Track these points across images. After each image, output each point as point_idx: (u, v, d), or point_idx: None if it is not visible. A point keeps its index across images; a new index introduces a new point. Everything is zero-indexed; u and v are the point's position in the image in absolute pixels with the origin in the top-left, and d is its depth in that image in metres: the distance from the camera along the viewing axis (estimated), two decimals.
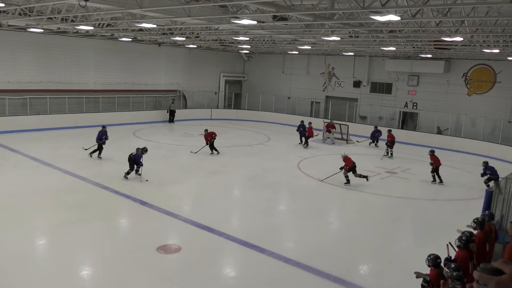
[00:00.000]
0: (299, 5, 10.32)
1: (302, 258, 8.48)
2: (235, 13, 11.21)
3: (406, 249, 9.91)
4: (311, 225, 10.69)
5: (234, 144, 20.84)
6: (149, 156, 17.21)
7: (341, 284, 7.66)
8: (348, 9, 10.33)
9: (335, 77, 29.27)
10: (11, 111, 21.51)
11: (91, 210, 10.85)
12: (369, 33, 14.84)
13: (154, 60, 27.84)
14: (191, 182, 14.05)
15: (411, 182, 15.53)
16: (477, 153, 21.27)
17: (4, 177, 13.33)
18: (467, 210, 11.65)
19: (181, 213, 10.80)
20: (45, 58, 22.80)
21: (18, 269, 7.54)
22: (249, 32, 16.96)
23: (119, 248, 8.77)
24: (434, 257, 5.88)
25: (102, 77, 25.33)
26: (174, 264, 8.21)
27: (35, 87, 22.38)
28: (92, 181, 13.14)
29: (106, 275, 7.74)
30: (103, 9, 12.20)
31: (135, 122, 25.07)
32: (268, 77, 32.19)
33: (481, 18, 10.60)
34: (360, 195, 13.51)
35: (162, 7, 10.86)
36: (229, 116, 29.94)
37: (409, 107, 26.20)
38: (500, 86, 23.09)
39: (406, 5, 9.75)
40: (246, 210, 11.81)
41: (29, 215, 10.20)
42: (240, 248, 9.01)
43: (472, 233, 6.52)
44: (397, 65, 25.78)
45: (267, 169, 16.22)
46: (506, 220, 8.89)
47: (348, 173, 14.26)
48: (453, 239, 6.59)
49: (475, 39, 14.71)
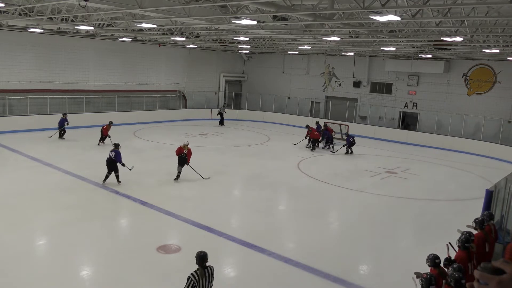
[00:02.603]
0: (299, 5, 10.31)
1: (302, 258, 8.48)
2: (235, 13, 11.20)
3: (406, 249, 9.91)
4: (311, 225, 10.69)
5: (234, 144, 20.83)
6: (149, 156, 17.25)
7: (341, 284, 7.66)
8: (348, 9, 10.32)
9: (335, 77, 29.27)
10: (11, 111, 21.51)
11: (91, 210, 10.85)
12: (369, 33, 14.84)
13: (154, 60, 27.84)
14: (191, 182, 14.04)
15: (411, 182, 15.52)
16: (477, 153, 21.29)
17: (4, 177, 13.33)
18: (467, 210, 11.64)
19: (181, 213, 10.80)
20: (45, 58, 22.80)
21: (18, 269, 7.54)
22: (249, 32, 16.95)
23: (119, 248, 8.77)
24: (433, 257, 5.88)
25: (102, 77, 25.33)
26: (174, 264, 8.21)
27: (35, 87, 22.38)
28: (92, 181, 13.14)
29: (106, 275, 7.74)
30: (103, 9, 12.19)
31: (135, 122, 25.07)
32: (268, 77, 32.19)
33: (481, 18, 10.59)
34: (360, 195, 13.51)
35: (162, 7, 10.85)
36: (229, 116, 29.93)
37: (409, 107, 26.20)
38: (500, 86, 23.09)
39: (406, 5, 9.74)
40: (246, 210, 11.80)
41: (29, 215, 10.20)
42: (240, 248, 9.01)
43: (471, 233, 6.52)
44: (397, 65, 25.79)
45: (267, 169, 16.21)
46: (506, 220, 8.90)
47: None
48: (453, 239, 6.59)
49: (475, 39, 14.71)
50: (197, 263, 5.40)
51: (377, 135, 24.98)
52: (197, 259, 5.42)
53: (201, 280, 5.26)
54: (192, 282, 5.22)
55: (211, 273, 5.43)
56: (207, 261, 5.45)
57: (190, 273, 5.33)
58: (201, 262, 5.39)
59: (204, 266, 5.39)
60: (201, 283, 5.25)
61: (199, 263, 5.40)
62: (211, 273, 5.45)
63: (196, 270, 5.35)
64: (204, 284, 5.28)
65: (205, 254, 5.47)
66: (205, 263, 5.41)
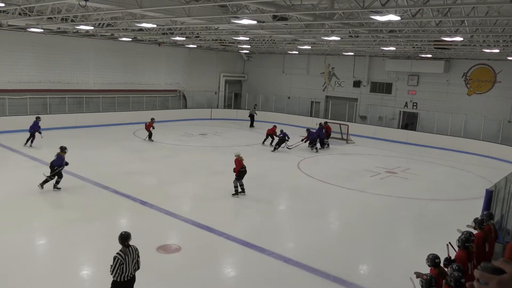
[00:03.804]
0: (299, 5, 10.31)
1: (302, 258, 8.48)
2: (235, 13, 11.20)
3: (406, 249, 9.91)
4: (311, 225, 10.69)
5: (234, 144, 20.82)
6: (149, 156, 17.24)
7: (341, 284, 7.65)
8: (348, 9, 10.32)
9: (335, 77, 29.27)
10: (11, 111, 21.51)
11: (91, 210, 10.84)
12: (369, 33, 14.83)
13: (154, 60, 27.84)
14: (191, 182, 14.04)
15: (411, 182, 15.52)
16: (477, 153, 21.28)
17: (4, 177, 13.33)
18: (467, 210, 11.63)
19: (181, 213, 10.80)
20: (45, 58, 22.80)
21: (18, 269, 7.54)
22: (249, 32, 16.95)
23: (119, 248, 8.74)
24: (433, 256, 5.88)
25: (102, 77, 25.33)
26: (174, 264, 8.21)
27: (35, 87, 22.38)
28: (92, 181, 13.13)
29: (106, 275, 7.72)
30: (103, 9, 12.19)
31: (135, 122, 25.06)
32: (268, 77, 32.19)
33: (481, 18, 10.59)
34: (360, 195, 13.51)
35: (162, 7, 10.85)
36: (229, 116, 29.94)
37: (409, 107, 26.20)
38: (500, 86, 23.09)
39: (406, 5, 9.75)
40: (246, 210, 11.80)
41: (29, 215, 10.20)
42: (240, 248, 9.01)
43: (471, 233, 6.51)
44: (397, 65, 25.78)
45: (267, 169, 16.21)
46: (506, 220, 8.90)
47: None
48: (453, 239, 6.58)
49: (475, 39, 14.71)
50: (120, 242, 5.90)
51: (377, 135, 24.98)
52: (119, 239, 5.92)
53: (126, 257, 5.79)
54: (119, 260, 5.75)
55: (134, 251, 5.93)
56: (130, 240, 5.94)
57: (115, 254, 5.82)
58: (123, 242, 5.89)
59: (127, 245, 5.89)
60: (126, 260, 5.79)
61: (122, 242, 5.90)
62: (134, 251, 5.94)
63: (120, 250, 5.86)
64: (129, 261, 5.82)
65: (128, 234, 5.95)
66: (127, 242, 5.89)
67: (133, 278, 5.95)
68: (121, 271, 5.76)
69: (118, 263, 5.73)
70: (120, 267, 5.73)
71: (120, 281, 5.79)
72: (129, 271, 5.83)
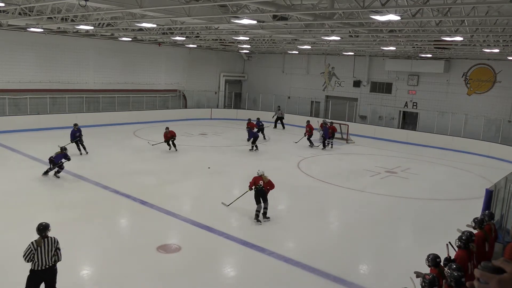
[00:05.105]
0: (299, 4, 10.31)
1: (302, 258, 8.48)
2: (235, 12, 11.20)
3: (406, 249, 9.90)
4: (311, 225, 10.69)
5: (234, 144, 20.82)
6: (149, 156, 17.24)
7: (341, 284, 7.65)
8: (348, 8, 10.31)
9: (335, 77, 29.27)
10: (11, 111, 21.51)
11: (91, 210, 10.84)
12: (369, 32, 14.83)
13: (154, 59, 27.84)
14: (191, 182, 14.04)
15: (411, 182, 15.52)
16: (477, 153, 21.28)
17: (4, 177, 13.33)
18: (467, 210, 11.63)
19: (181, 213, 10.80)
20: (45, 58, 22.79)
21: (18, 269, 7.52)
22: (249, 32, 16.95)
23: (119, 248, 8.77)
24: (434, 256, 5.88)
25: (102, 76, 25.33)
26: (174, 263, 8.21)
27: (35, 87, 22.38)
28: (92, 181, 13.13)
29: (106, 274, 7.74)
30: (103, 8, 12.18)
31: (135, 122, 25.07)
32: (268, 77, 32.18)
33: (481, 17, 10.59)
34: (360, 195, 13.51)
35: (162, 6, 10.85)
36: (229, 116, 29.93)
37: (409, 107, 26.20)
38: (500, 86, 23.08)
39: (406, 4, 9.75)
40: (246, 210, 11.79)
41: (29, 215, 10.18)
42: (240, 248, 9.01)
43: (472, 233, 6.51)
44: (397, 64, 25.78)
45: (267, 169, 16.08)
46: (506, 219, 8.90)
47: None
48: (453, 239, 6.58)
49: (475, 38, 14.71)
50: (37, 233, 6.11)
51: (377, 134, 24.98)
52: (37, 230, 6.13)
53: (38, 248, 6.00)
54: (30, 249, 5.98)
55: (51, 242, 6.11)
56: (48, 231, 6.15)
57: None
58: (40, 233, 6.11)
59: (43, 236, 6.09)
60: (38, 250, 5.99)
61: (39, 233, 6.11)
62: (52, 243, 6.11)
63: (35, 239, 6.06)
64: (42, 251, 6.01)
65: (46, 225, 6.18)
66: (44, 233, 6.10)
67: (51, 269, 6.14)
68: (35, 259, 5.98)
69: (28, 251, 5.97)
70: (30, 255, 5.96)
71: (35, 269, 6.03)
72: (44, 261, 6.03)
